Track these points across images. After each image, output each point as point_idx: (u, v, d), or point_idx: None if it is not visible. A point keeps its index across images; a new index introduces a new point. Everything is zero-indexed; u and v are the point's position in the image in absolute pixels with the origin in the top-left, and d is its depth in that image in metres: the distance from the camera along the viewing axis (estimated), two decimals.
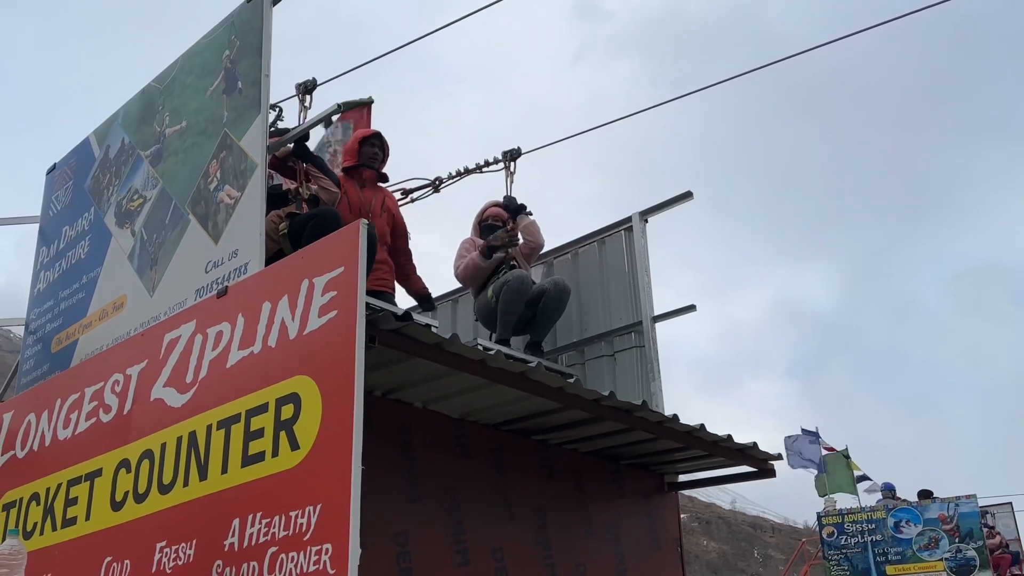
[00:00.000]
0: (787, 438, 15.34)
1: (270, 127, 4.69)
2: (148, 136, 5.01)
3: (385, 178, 5.63)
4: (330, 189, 4.96)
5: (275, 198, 4.83)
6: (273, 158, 4.85)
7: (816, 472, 15.26)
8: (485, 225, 6.19)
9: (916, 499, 14.77)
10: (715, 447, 5.18)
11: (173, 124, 4.82)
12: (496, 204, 6.25)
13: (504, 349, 5.67)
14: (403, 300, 5.74)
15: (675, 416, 4.89)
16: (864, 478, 15.75)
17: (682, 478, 5.91)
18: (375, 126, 5.75)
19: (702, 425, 4.98)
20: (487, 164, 6.56)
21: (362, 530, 2.78)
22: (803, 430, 15.52)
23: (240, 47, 4.45)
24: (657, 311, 6.08)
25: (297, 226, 4.63)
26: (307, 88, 5.09)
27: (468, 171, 6.62)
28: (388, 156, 5.60)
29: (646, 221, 6.29)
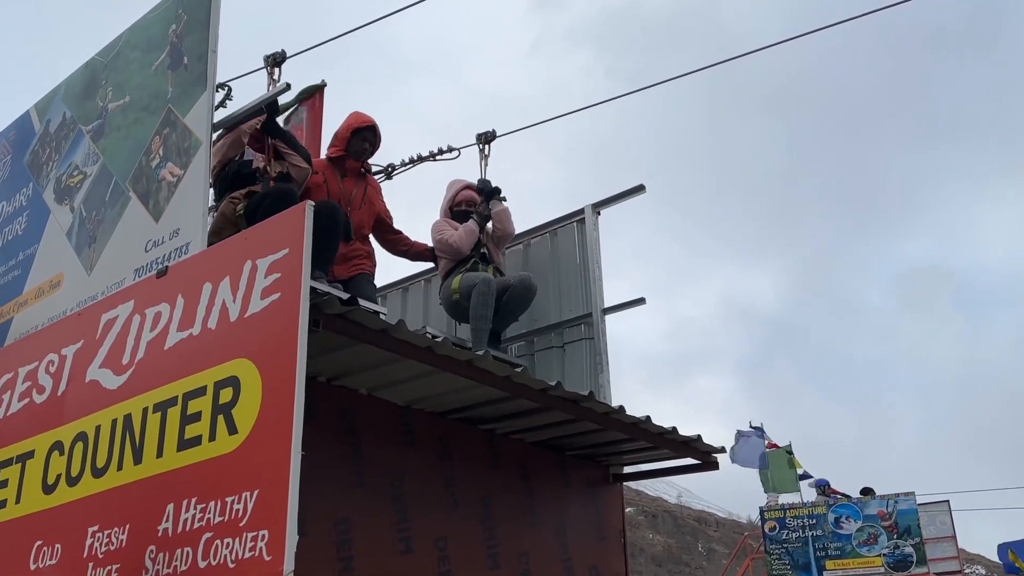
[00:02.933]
0: (738, 432, 15.52)
1: (218, 105, 4.58)
2: (90, 111, 4.87)
3: (368, 169, 5.54)
4: (300, 165, 4.82)
5: (245, 176, 4.71)
6: (251, 136, 4.74)
7: (760, 468, 15.48)
8: (458, 210, 6.03)
9: (859, 495, 15.06)
10: (660, 439, 5.21)
11: (116, 99, 4.69)
12: (468, 186, 6.11)
13: (453, 338, 5.63)
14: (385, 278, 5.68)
15: (621, 407, 4.90)
16: (806, 475, 16.01)
17: (627, 470, 5.93)
18: (332, 111, 5.64)
19: (648, 417, 5.00)
20: (440, 152, 6.51)
21: (301, 517, 2.73)
22: (750, 425, 15.73)
23: (187, 22, 4.34)
24: (607, 304, 6.09)
25: (253, 205, 4.52)
26: (276, 60, 4.95)
27: (421, 158, 6.56)
28: (378, 148, 5.51)
29: (598, 213, 6.28)
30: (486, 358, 4.30)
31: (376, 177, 6.30)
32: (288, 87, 4.57)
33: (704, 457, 5.55)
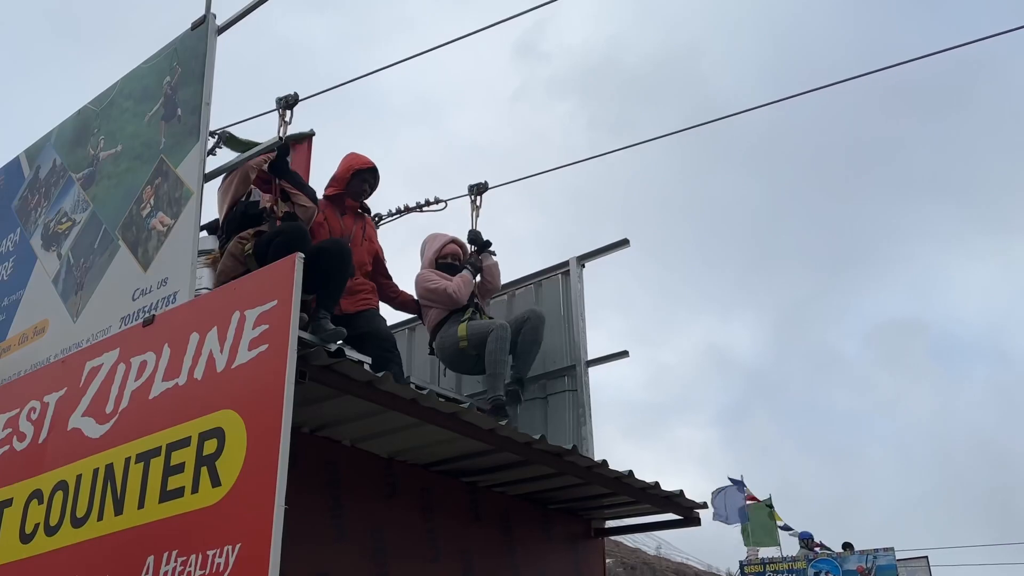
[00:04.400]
0: (714, 491, 15.50)
1: (209, 152, 4.61)
2: (81, 158, 4.91)
3: (367, 209, 5.58)
4: (305, 205, 4.84)
5: (252, 217, 4.72)
6: (257, 175, 4.78)
7: (740, 522, 15.43)
8: (443, 263, 5.99)
9: (840, 549, 15.02)
10: (643, 494, 5.20)
11: (108, 148, 4.73)
12: (455, 240, 6.11)
13: (438, 389, 5.63)
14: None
15: (604, 462, 4.90)
16: (786, 528, 15.97)
17: (608, 524, 5.91)
18: (317, 159, 5.69)
19: (630, 472, 5.00)
20: (428, 203, 6.57)
21: (282, 571, 2.71)
22: (730, 479, 15.71)
23: (182, 74, 4.40)
24: (591, 355, 6.12)
25: (263, 244, 4.52)
26: (288, 103, 4.99)
27: (409, 209, 6.62)
28: (376, 189, 5.56)
29: (583, 266, 6.34)
30: (471, 411, 4.31)
31: None
32: (281, 140, 4.63)
33: (686, 512, 5.54)
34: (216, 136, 5.31)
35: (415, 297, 5.95)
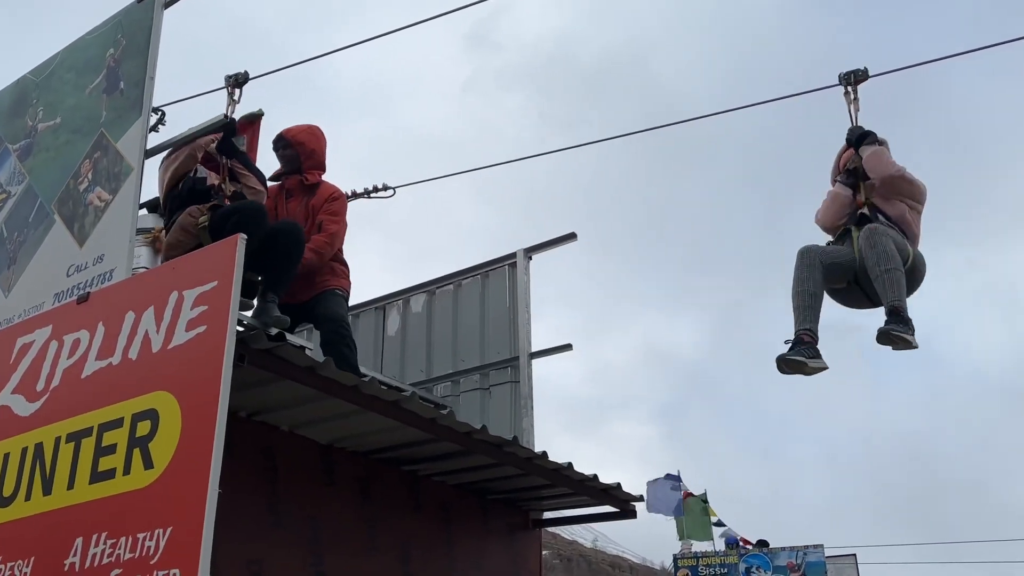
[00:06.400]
0: (649, 482, 15.69)
1: (151, 129, 4.51)
2: (18, 129, 4.76)
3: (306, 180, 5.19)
4: (255, 188, 4.71)
5: (199, 194, 4.57)
6: (204, 154, 4.60)
7: (675, 516, 15.65)
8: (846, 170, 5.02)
9: (753, 546, 15.34)
10: (581, 486, 5.24)
11: (47, 119, 4.60)
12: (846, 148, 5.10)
13: (381, 376, 5.60)
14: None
15: (544, 453, 4.93)
16: (719, 523, 16.24)
17: (546, 515, 5.95)
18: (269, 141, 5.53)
19: (570, 464, 5.04)
20: (376, 190, 6.54)
21: (214, 556, 2.67)
22: (667, 475, 15.91)
23: (126, 47, 4.30)
24: (535, 348, 6.14)
25: (219, 219, 4.38)
26: (237, 81, 4.84)
27: (356, 195, 6.57)
28: (312, 154, 5.21)
29: (530, 258, 6.37)
30: (413, 399, 4.29)
31: None
32: (227, 120, 4.54)
33: (622, 505, 5.60)
34: (159, 112, 5.20)
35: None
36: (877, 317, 4.55)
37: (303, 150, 5.22)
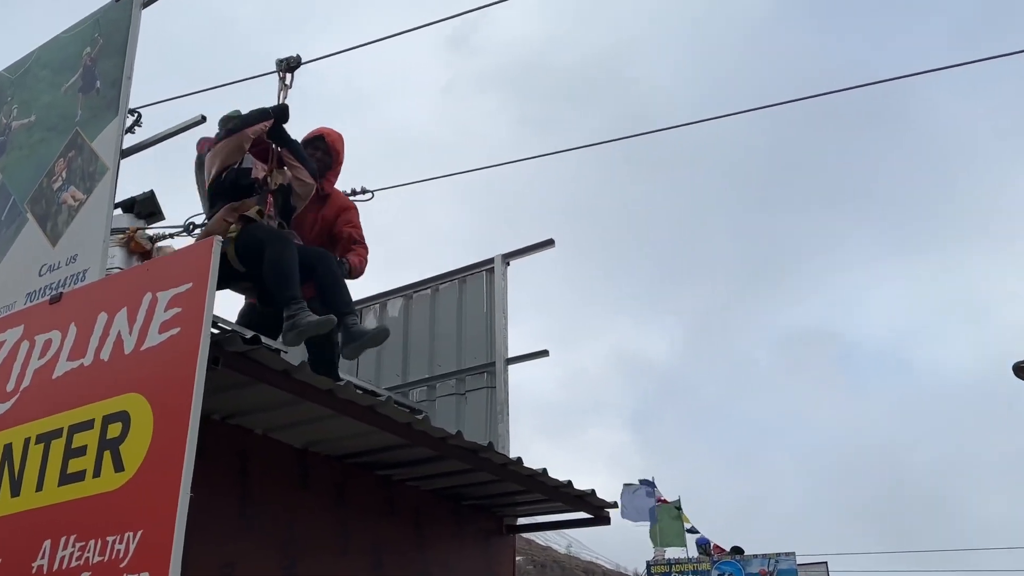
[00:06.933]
0: (625, 486, 15.71)
1: (127, 131, 4.48)
2: None
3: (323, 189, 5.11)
4: (305, 180, 4.59)
5: (243, 188, 4.45)
6: (252, 144, 4.51)
7: (649, 522, 15.69)
8: None
9: (728, 554, 15.42)
10: (555, 492, 5.24)
11: (21, 117, 4.55)
12: None
13: (356, 380, 5.58)
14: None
15: (519, 459, 4.93)
16: (693, 530, 16.30)
17: (520, 521, 5.95)
18: None
19: (544, 470, 5.04)
20: (355, 193, 6.51)
21: (185, 559, 2.65)
22: (640, 481, 15.95)
23: (103, 46, 4.27)
24: (511, 354, 6.14)
25: (249, 242, 4.26)
26: (289, 65, 4.70)
27: None
28: (339, 164, 5.13)
29: (507, 264, 6.37)
30: (388, 404, 4.28)
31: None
32: (204, 119, 4.51)
33: (597, 512, 5.61)
34: (136, 114, 5.15)
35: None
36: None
37: (337, 159, 5.18)
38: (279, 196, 4.61)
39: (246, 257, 4.32)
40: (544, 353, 6.21)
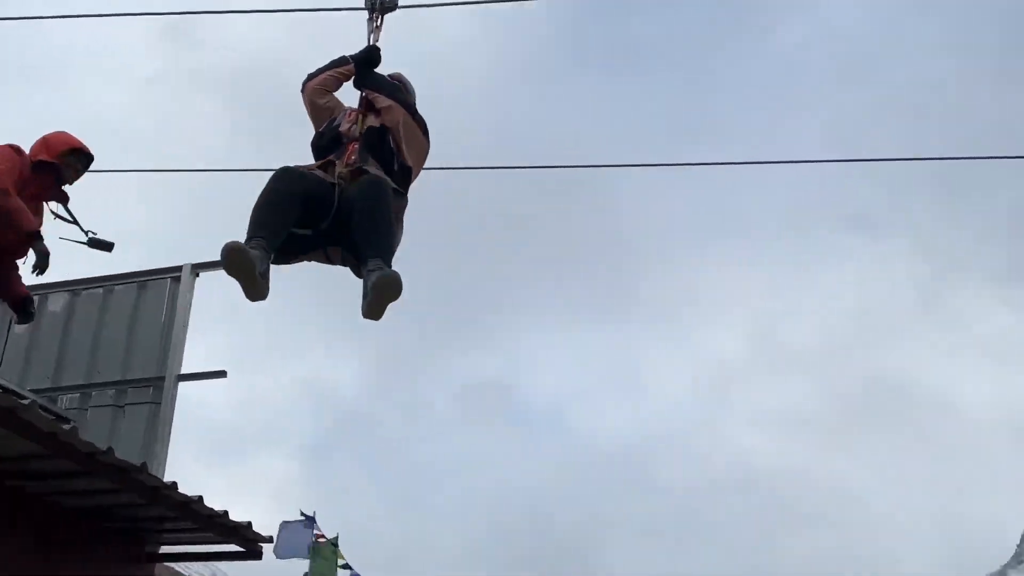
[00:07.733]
0: (283, 524, 15.28)
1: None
2: None
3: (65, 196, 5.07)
4: (394, 113, 3.87)
5: (329, 142, 3.85)
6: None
7: (305, 558, 15.38)
8: None
9: None
10: (208, 522, 5.00)
11: None
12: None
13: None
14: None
15: (174, 484, 4.66)
16: (346, 567, 16.20)
17: (164, 549, 5.59)
18: None
19: (200, 497, 4.80)
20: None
21: None
22: (302, 513, 15.63)
23: None
24: (185, 370, 5.82)
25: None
26: (383, 6, 3.93)
27: None
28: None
29: (197, 275, 6.06)
30: (32, 408, 3.87)
31: None
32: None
33: (250, 545, 5.42)
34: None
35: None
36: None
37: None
38: (374, 137, 3.90)
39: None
40: (222, 374, 5.95)
